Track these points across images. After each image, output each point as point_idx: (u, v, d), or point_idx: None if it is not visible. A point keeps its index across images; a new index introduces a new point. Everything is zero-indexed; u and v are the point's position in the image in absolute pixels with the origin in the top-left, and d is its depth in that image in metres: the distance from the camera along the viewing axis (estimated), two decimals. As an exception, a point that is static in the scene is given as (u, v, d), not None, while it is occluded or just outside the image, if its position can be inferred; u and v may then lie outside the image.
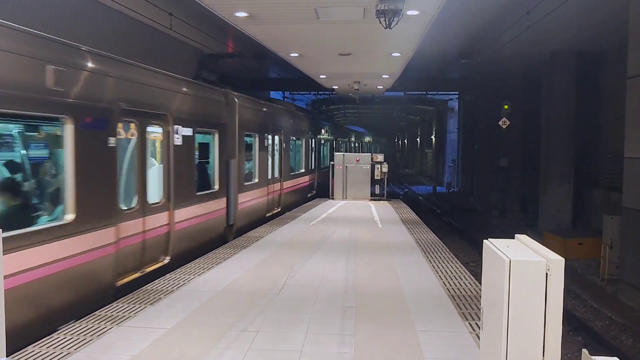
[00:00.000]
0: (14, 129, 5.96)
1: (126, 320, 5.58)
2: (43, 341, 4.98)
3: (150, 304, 6.16)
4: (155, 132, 8.28)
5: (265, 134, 14.10)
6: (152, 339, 5.05)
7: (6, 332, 3.49)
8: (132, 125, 7.53)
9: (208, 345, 4.91)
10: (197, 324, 5.49)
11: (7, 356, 3.55)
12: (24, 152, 6.15)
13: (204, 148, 10.56)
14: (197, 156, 9.88)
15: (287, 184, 16.67)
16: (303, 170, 19.59)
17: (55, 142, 6.16)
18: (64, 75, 5.86)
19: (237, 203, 11.52)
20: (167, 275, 7.56)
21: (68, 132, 5.98)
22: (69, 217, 6.01)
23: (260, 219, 13.33)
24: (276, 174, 15.32)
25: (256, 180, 13.25)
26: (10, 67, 5.22)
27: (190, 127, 9.31)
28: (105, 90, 6.73)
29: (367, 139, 50.16)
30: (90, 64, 6.46)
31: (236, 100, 11.73)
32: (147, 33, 12.71)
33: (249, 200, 12.61)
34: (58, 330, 5.39)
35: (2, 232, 3.57)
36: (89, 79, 6.41)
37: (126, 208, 7.33)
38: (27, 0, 8.89)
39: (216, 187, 10.67)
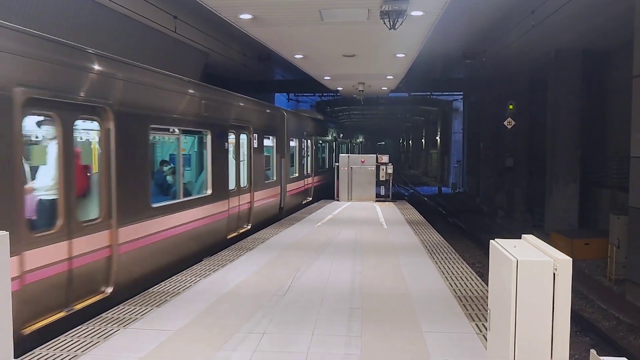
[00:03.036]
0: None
1: (133, 322, 5.60)
2: (50, 343, 5.00)
3: (157, 306, 6.17)
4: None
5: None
6: (158, 341, 5.06)
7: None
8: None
9: (214, 347, 4.91)
10: (203, 326, 5.49)
11: (15, 358, 3.56)
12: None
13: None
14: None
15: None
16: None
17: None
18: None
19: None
20: (174, 277, 7.57)
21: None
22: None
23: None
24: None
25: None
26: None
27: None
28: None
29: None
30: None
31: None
32: (151, 36, 12.75)
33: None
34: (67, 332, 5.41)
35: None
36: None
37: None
38: (30, 6, 8.93)
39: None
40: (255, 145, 12.67)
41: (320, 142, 22.77)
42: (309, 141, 19.67)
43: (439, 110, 43.41)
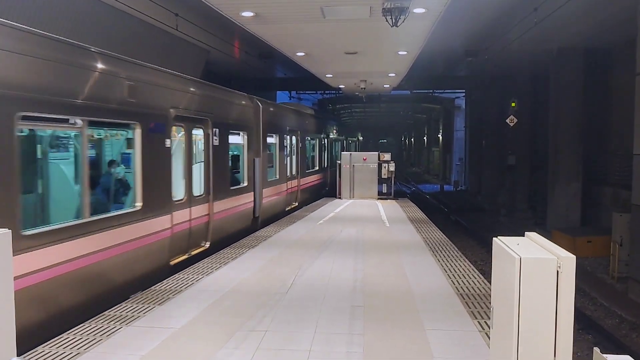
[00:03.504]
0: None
1: (135, 320, 5.60)
2: (53, 341, 5.00)
3: (159, 304, 6.17)
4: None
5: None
6: (161, 339, 5.06)
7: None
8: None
9: (217, 345, 4.91)
10: (205, 324, 5.49)
11: (17, 356, 3.56)
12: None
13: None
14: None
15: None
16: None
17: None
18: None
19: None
20: (176, 275, 7.58)
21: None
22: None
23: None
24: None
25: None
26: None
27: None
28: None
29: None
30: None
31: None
32: (153, 34, 12.73)
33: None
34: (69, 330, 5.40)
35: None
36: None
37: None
38: (30, 3, 8.92)
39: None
40: (216, 142, 10.16)
41: (309, 139, 20.11)
42: (293, 138, 17.07)
43: (441, 108, 43.35)
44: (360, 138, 41.06)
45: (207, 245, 9.57)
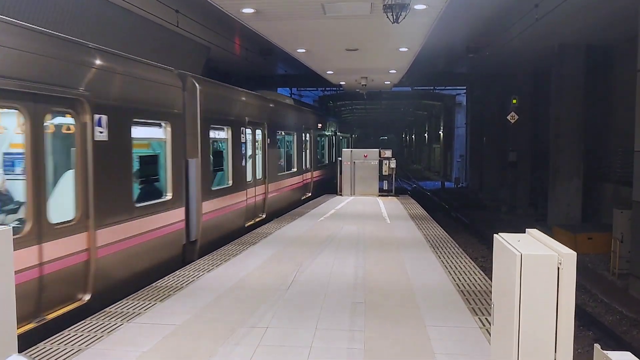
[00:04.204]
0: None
1: (136, 317, 5.61)
2: (53, 338, 5.01)
3: (160, 301, 6.18)
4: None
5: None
6: (161, 336, 5.07)
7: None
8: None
9: (218, 342, 4.91)
10: (206, 321, 5.50)
11: (18, 352, 3.57)
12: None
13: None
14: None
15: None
16: None
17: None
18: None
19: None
20: (177, 272, 7.58)
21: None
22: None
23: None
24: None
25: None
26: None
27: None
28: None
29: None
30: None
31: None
32: (153, 30, 12.72)
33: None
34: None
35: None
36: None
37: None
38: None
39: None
40: (100, 136, 6.67)
41: (282, 133, 16.29)
42: (258, 132, 13.47)
43: (442, 105, 43.31)
44: (355, 135, 38.95)
45: (88, 297, 6.33)
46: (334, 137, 26.65)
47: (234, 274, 7.41)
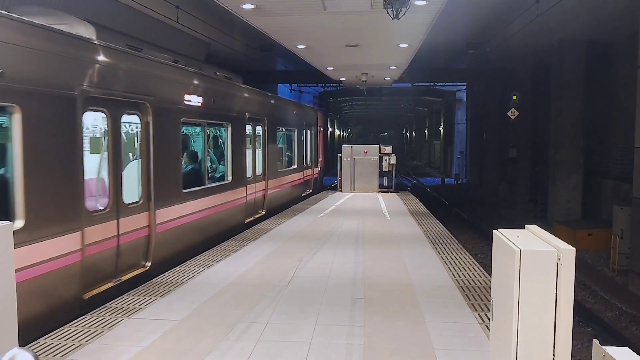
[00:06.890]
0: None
1: (137, 312, 5.62)
2: (54, 333, 5.03)
3: (161, 296, 6.20)
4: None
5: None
6: (162, 331, 5.08)
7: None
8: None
9: (218, 337, 4.93)
10: (207, 316, 5.51)
11: (19, 346, 3.57)
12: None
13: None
14: None
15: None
16: None
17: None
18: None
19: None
20: (177, 268, 7.60)
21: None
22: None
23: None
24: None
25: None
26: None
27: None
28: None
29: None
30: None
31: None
32: (153, 26, 12.70)
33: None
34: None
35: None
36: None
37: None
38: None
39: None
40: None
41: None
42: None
43: (442, 101, 43.29)
44: (343, 132, 36.83)
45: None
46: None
47: (234, 270, 7.43)
